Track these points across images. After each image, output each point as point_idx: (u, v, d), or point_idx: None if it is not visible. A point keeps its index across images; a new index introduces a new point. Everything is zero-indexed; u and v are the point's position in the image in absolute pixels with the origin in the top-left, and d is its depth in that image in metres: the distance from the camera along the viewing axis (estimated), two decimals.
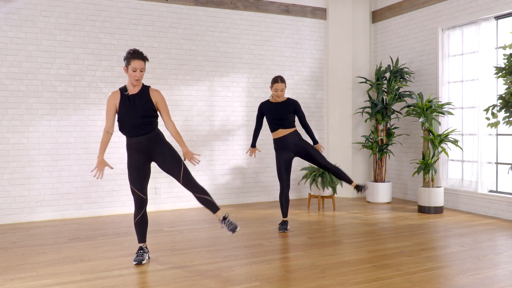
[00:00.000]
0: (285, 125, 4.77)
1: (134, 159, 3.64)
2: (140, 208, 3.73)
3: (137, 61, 3.50)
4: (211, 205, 3.62)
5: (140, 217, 3.73)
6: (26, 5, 5.51)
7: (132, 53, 3.50)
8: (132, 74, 3.51)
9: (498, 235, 4.61)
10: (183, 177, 3.58)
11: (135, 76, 3.51)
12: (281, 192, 4.83)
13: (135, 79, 3.52)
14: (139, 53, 3.53)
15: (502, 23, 5.66)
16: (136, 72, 3.51)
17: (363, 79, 7.30)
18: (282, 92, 4.73)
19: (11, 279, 3.38)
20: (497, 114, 4.72)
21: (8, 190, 5.45)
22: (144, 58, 3.54)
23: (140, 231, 3.77)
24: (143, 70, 3.54)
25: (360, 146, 7.29)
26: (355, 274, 3.42)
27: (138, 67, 3.51)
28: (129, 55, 3.51)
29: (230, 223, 3.53)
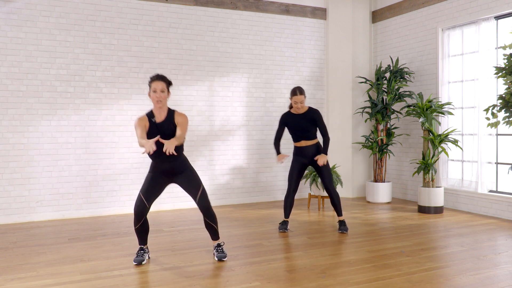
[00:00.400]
0: (307, 137, 4.76)
1: (155, 177, 3.71)
2: (140, 218, 3.67)
3: (157, 82, 3.55)
4: (215, 233, 3.84)
5: (140, 225, 3.71)
6: (26, 5, 5.51)
7: (152, 76, 3.60)
8: (153, 96, 3.54)
9: (498, 235, 4.61)
10: (200, 199, 3.70)
11: (156, 97, 3.53)
12: (287, 194, 4.84)
13: (156, 100, 3.54)
14: (159, 75, 3.59)
15: (502, 23, 5.66)
16: (157, 92, 3.53)
17: (363, 79, 7.30)
18: (302, 104, 4.63)
19: (11, 279, 3.38)
20: (497, 114, 4.72)
21: (8, 190, 5.45)
22: (163, 79, 3.57)
23: (141, 236, 3.78)
24: (164, 91, 3.55)
25: (360, 146, 7.29)
26: (355, 274, 3.42)
27: (158, 88, 3.53)
28: (149, 79, 3.61)
29: (222, 251, 3.81)
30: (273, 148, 6.95)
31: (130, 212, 6.03)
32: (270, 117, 6.92)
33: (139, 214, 3.66)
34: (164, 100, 3.56)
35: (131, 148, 6.04)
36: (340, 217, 4.86)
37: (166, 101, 3.60)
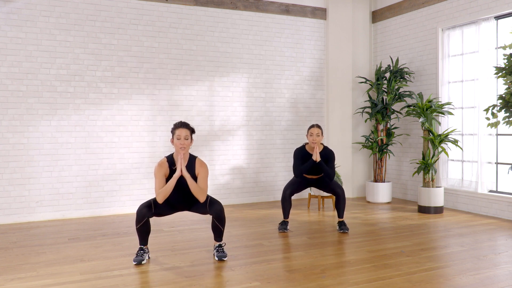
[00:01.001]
0: (318, 174, 4.90)
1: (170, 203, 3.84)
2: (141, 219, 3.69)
3: (181, 129, 3.65)
4: (219, 235, 3.86)
5: (141, 225, 3.71)
6: (26, 5, 5.51)
7: (177, 123, 3.70)
8: (176, 143, 3.64)
9: (498, 235, 4.61)
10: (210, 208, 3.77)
11: (179, 144, 3.63)
12: (284, 198, 4.87)
13: (179, 146, 3.63)
14: (183, 122, 3.71)
15: (502, 23, 5.66)
16: (181, 140, 3.63)
17: (363, 79, 7.30)
18: (318, 137, 4.71)
19: (11, 279, 3.38)
20: (497, 114, 4.72)
21: (8, 190, 5.45)
22: (187, 126, 3.67)
23: (142, 236, 3.78)
24: (187, 138, 3.65)
25: (360, 146, 7.29)
26: (355, 274, 3.42)
27: (182, 134, 3.63)
28: (173, 126, 3.71)
29: (222, 251, 3.83)
30: (274, 148, 6.95)
31: (130, 212, 6.03)
32: (270, 117, 6.92)
33: (141, 216, 3.67)
34: (187, 147, 3.66)
35: (131, 148, 6.05)
36: (340, 219, 4.87)
37: (189, 148, 3.71)
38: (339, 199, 4.82)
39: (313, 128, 4.74)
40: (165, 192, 3.62)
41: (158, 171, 3.66)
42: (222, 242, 3.92)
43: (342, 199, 4.81)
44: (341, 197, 4.81)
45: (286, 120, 7.04)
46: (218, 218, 3.77)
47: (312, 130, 4.74)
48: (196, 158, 3.78)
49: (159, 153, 6.20)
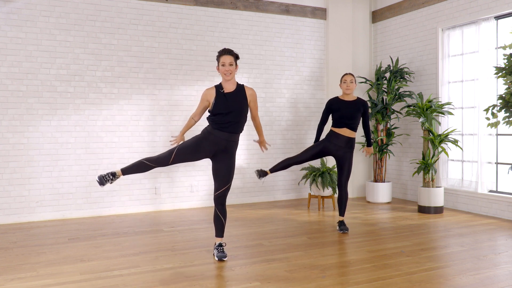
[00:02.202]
0: (352, 126, 4.73)
1: (204, 144, 3.74)
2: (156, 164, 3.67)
3: (225, 56, 3.69)
4: (220, 228, 3.87)
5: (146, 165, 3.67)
6: (26, 5, 5.51)
7: (221, 50, 3.73)
8: (222, 69, 3.69)
9: (498, 235, 4.61)
10: (220, 193, 3.80)
11: (224, 70, 3.67)
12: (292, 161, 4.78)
13: (224, 73, 3.67)
14: (226, 49, 3.73)
15: (502, 23, 5.66)
16: (225, 66, 3.67)
17: (363, 79, 7.30)
18: (352, 82, 4.68)
19: (11, 279, 3.38)
20: (497, 114, 4.72)
21: (8, 190, 5.45)
22: (230, 52, 3.70)
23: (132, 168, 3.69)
24: (232, 64, 3.69)
25: (360, 146, 7.29)
26: (355, 274, 3.42)
27: (227, 61, 3.67)
28: (218, 53, 3.75)
29: (222, 251, 3.83)
30: (274, 148, 6.95)
31: (130, 212, 6.03)
32: (270, 117, 6.92)
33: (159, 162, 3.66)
34: (233, 73, 3.70)
35: (131, 148, 6.04)
36: (341, 217, 4.86)
37: (235, 74, 3.77)
38: (341, 194, 4.79)
39: (347, 75, 4.70)
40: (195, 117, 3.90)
41: (204, 95, 3.75)
42: (223, 242, 3.93)
43: (344, 194, 4.78)
44: (343, 192, 4.77)
45: (286, 120, 7.04)
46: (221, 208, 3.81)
47: (346, 77, 4.70)
48: (244, 86, 3.81)
49: (159, 153, 6.20)
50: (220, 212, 3.83)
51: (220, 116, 3.69)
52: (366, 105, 4.77)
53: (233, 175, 3.84)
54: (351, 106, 4.71)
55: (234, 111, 3.70)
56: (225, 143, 3.75)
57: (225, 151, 3.78)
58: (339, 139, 4.73)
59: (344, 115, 4.68)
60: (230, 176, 3.80)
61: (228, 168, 3.79)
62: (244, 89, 3.78)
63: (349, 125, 4.70)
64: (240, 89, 3.77)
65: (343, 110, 4.70)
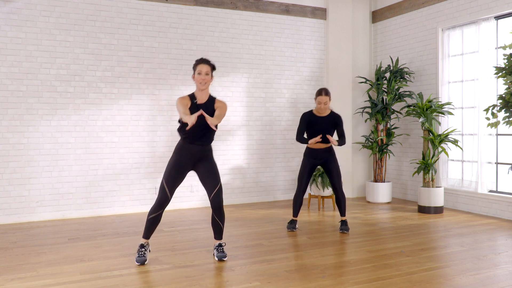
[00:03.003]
0: (325, 141, 4.77)
1: (180, 160, 3.74)
2: (161, 207, 3.71)
3: (202, 65, 3.67)
4: (219, 232, 3.86)
5: (156, 215, 3.72)
6: (26, 5, 5.51)
7: (198, 59, 3.71)
8: (197, 78, 3.66)
9: (498, 235, 4.61)
10: (214, 196, 3.76)
11: (200, 79, 3.64)
12: (297, 194, 4.86)
13: (200, 81, 3.64)
14: (204, 58, 3.72)
15: (502, 23, 5.66)
16: (201, 75, 3.64)
17: (363, 79, 7.30)
18: (326, 105, 4.66)
19: (11, 279, 3.38)
20: (497, 114, 4.72)
21: (8, 190, 5.45)
22: (208, 62, 3.69)
23: (150, 228, 3.77)
24: (208, 74, 3.67)
25: (360, 146, 7.29)
26: (355, 274, 3.42)
27: (203, 70, 3.65)
28: (195, 62, 3.73)
29: (222, 251, 3.82)
30: (273, 148, 6.95)
31: (130, 212, 6.03)
32: (270, 117, 6.92)
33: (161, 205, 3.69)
34: (208, 83, 3.69)
35: (131, 148, 6.05)
36: (342, 217, 4.86)
37: (209, 84, 3.72)
38: (338, 196, 4.81)
39: (321, 97, 4.63)
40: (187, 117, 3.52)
41: (179, 102, 3.63)
42: (222, 242, 3.93)
43: (341, 195, 4.80)
44: (339, 193, 4.79)
45: (286, 120, 7.04)
46: (218, 213, 3.77)
47: (320, 99, 4.64)
48: (215, 97, 3.79)
49: (159, 153, 6.20)
50: (218, 216, 3.79)
51: (192, 128, 3.69)
52: (339, 119, 4.77)
53: (219, 175, 3.82)
54: (325, 121, 4.74)
55: (204, 123, 3.70)
56: (200, 154, 3.77)
57: (202, 159, 3.80)
58: (317, 153, 4.82)
59: (318, 131, 4.74)
60: (217, 176, 3.79)
61: (212, 170, 3.79)
62: (214, 101, 3.75)
63: (323, 140, 4.76)
64: (211, 101, 3.75)
65: (317, 126, 4.74)
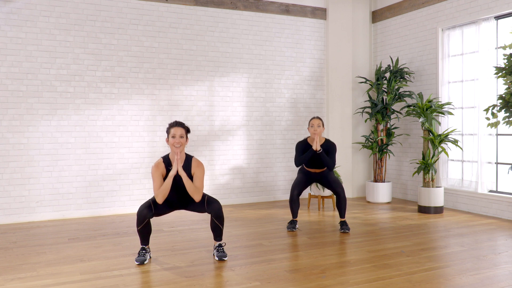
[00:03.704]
0: (320, 167, 4.88)
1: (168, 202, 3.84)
2: (142, 221, 3.70)
3: (176, 128, 3.66)
4: (219, 234, 3.86)
5: (142, 226, 3.73)
6: (26, 5, 5.51)
7: (171, 123, 3.71)
8: (171, 141, 3.63)
9: (498, 235, 4.61)
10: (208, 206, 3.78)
11: (174, 142, 3.62)
12: (292, 199, 4.89)
13: (174, 144, 3.62)
14: (178, 121, 3.73)
15: (502, 23, 5.66)
16: (175, 138, 3.62)
17: (363, 79, 7.30)
18: (319, 128, 4.73)
19: (11, 279, 3.38)
20: (497, 114, 4.72)
21: (8, 190, 5.45)
22: (182, 125, 3.68)
23: (143, 236, 3.79)
24: (183, 137, 3.65)
25: (360, 146, 7.29)
26: (355, 274, 3.42)
27: (177, 133, 3.64)
28: (168, 125, 3.75)
29: (223, 251, 3.84)
30: (273, 148, 6.95)
31: (130, 212, 6.03)
32: (270, 117, 6.92)
33: (142, 217, 3.68)
34: (183, 146, 3.65)
35: (131, 148, 6.05)
36: (342, 218, 4.88)
37: (184, 147, 3.70)
38: (339, 199, 4.84)
39: (314, 120, 4.79)
40: (163, 192, 3.62)
41: (155, 171, 3.67)
42: (222, 242, 3.93)
43: (342, 199, 4.83)
44: (341, 197, 4.83)
45: (286, 120, 7.04)
46: (217, 217, 3.77)
47: (313, 122, 4.79)
48: (192, 158, 3.78)
49: (159, 153, 6.20)
50: (218, 221, 3.78)
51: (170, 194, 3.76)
52: (333, 147, 4.82)
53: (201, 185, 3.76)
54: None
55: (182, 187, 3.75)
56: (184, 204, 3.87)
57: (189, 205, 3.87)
58: (311, 175, 4.93)
59: (313, 160, 4.84)
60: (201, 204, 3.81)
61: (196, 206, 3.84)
62: (190, 163, 3.74)
63: (317, 167, 4.88)
64: (188, 163, 3.74)
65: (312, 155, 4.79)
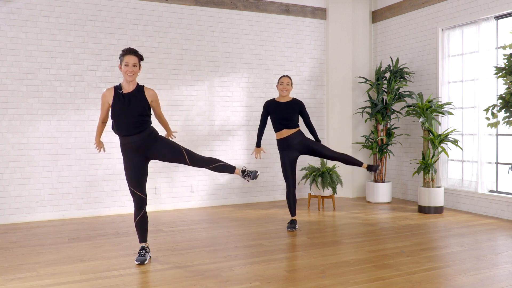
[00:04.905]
0: (290, 126, 4.78)
1: (131, 160, 3.69)
2: (140, 208, 3.74)
3: (129, 56, 3.59)
4: (227, 168, 3.78)
5: (140, 217, 3.74)
6: (26, 5, 5.51)
7: (125, 50, 3.62)
8: (124, 69, 3.59)
9: (498, 235, 4.61)
10: (189, 160, 3.70)
11: (127, 70, 3.57)
12: (288, 191, 4.86)
13: (127, 73, 3.58)
14: (131, 49, 3.63)
15: (502, 23, 5.66)
16: (129, 66, 3.57)
17: (363, 79, 7.30)
18: (287, 86, 4.75)
19: (11, 279, 3.38)
20: (497, 114, 4.72)
21: (8, 190, 5.45)
22: (135, 53, 3.61)
23: (141, 231, 3.79)
24: (136, 65, 3.61)
25: (360, 146, 7.29)
26: (355, 274, 3.42)
27: (131, 61, 3.58)
28: (121, 52, 3.64)
29: (250, 173, 3.79)
30: (274, 148, 6.95)
31: (130, 212, 6.03)
32: None
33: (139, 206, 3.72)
34: (136, 74, 3.62)
35: None
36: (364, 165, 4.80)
37: (137, 75, 3.65)
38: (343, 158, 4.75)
39: (284, 78, 4.77)
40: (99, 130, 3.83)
41: (103, 97, 3.64)
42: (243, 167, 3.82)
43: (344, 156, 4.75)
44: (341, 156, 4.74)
45: None
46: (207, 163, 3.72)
47: (282, 79, 4.77)
48: (144, 86, 3.70)
49: None
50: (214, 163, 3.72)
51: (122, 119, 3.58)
52: (301, 104, 4.82)
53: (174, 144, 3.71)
54: (286, 107, 4.78)
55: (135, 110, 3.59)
56: (143, 142, 3.66)
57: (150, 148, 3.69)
58: (287, 141, 4.80)
59: (280, 116, 4.77)
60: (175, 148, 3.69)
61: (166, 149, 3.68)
62: (143, 90, 3.68)
63: (286, 126, 4.78)
64: (140, 89, 3.67)
65: (279, 112, 4.78)
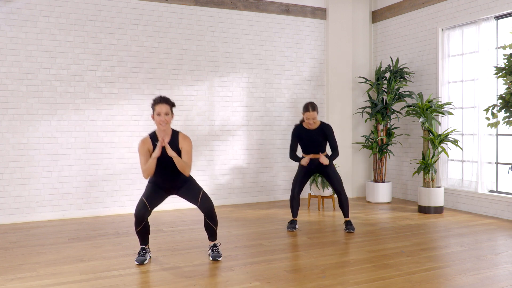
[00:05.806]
0: (317, 152, 4.82)
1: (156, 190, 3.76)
2: (141, 221, 3.68)
3: (160, 105, 3.54)
4: (213, 234, 3.86)
5: (141, 227, 3.72)
6: (26, 5, 5.51)
7: (156, 99, 3.58)
8: (157, 119, 3.55)
9: (498, 235, 4.61)
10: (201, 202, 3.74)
11: (160, 120, 3.54)
12: (292, 197, 4.88)
13: (160, 124, 3.54)
14: (163, 97, 3.58)
15: (502, 23, 5.66)
16: (161, 116, 3.53)
17: (363, 79, 7.30)
18: (314, 120, 4.66)
19: (11, 279, 3.38)
20: (497, 114, 4.72)
21: (8, 190, 5.45)
22: (167, 101, 3.57)
23: (142, 237, 3.78)
24: (168, 114, 3.56)
25: (360, 146, 7.29)
26: (355, 274, 3.42)
27: (163, 111, 3.53)
28: (153, 101, 3.60)
29: (217, 251, 3.83)
30: (274, 148, 6.95)
31: (130, 212, 6.03)
32: (270, 117, 6.92)
33: (141, 218, 3.66)
34: (169, 123, 3.59)
35: (131, 148, 6.04)
36: (346, 218, 4.87)
37: (170, 123, 3.61)
38: (341, 199, 4.82)
39: (309, 113, 4.61)
40: (149, 171, 3.57)
41: (141, 147, 3.61)
42: (217, 242, 3.90)
43: (344, 198, 4.80)
44: (342, 196, 4.80)
45: (286, 120, 7.04)
46: (210, 217, 3.75)
47: (308, 115, 4.63)
48: (179, 133, 3.70)
49: None
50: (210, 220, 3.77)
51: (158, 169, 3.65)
52: (329, 129, 4.77)
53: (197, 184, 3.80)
54: (314, 134, 4.76)
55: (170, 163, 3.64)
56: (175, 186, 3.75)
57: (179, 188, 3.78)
58: (311, 162, 4.86)
59: (309, 144, 4.78)
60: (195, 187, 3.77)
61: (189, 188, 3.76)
62: (177, 138, 3.67)
63: (315, 152, 4.81)
64: (175, 139, 3.67)
65: (307, 139, 4.77)
